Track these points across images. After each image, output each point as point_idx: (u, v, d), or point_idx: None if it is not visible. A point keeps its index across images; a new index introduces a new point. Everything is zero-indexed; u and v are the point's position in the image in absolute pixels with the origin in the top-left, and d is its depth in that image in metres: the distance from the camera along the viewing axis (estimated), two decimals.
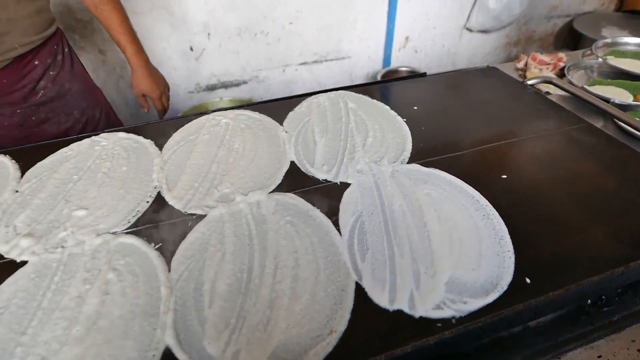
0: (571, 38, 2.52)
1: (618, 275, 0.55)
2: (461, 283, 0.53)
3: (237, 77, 2.02)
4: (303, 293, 0.53)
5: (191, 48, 1.85)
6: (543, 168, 0.74)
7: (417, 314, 0.50)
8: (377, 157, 0.77)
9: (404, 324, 0.49)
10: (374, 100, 0.96)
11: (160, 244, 0.61)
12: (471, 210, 0.64)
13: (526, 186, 0.70)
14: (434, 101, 0.99)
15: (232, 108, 0.95)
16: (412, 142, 0.81)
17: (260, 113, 0.92)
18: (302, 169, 0.76)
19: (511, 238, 0.59)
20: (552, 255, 0.57)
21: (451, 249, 0.58)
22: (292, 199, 0.68)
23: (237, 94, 2.06)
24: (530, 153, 0.78)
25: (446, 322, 0.49)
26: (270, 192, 0.70)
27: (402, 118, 0.89)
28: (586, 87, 1.13)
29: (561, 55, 1.31)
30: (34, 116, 1.00)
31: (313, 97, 0.98)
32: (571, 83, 1.14)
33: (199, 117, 0.91)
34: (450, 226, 0.61)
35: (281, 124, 0.89)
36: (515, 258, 0.56)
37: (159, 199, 0.70)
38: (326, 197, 0.69)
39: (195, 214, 0.67)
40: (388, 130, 0.85)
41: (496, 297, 0.51)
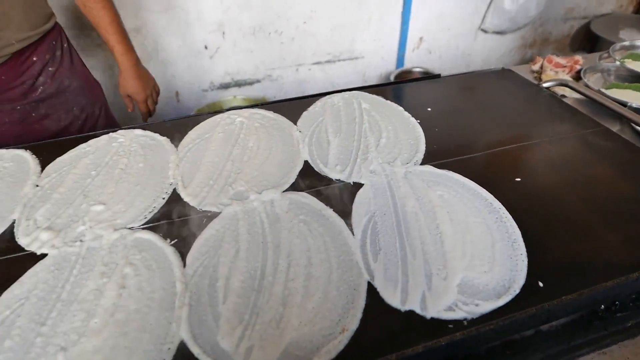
0: (588, 40, 2.48)
1: (632, 280, 0.54)
2: (473, 285, 0.53)
3: (251, 76, 2.03)
4: (315, 291, 0.54)
5: (205, 46, 1.87)
6: (557, 172, 0.74)
7: (429, 315, 0.50)
8: (391, 158, 0.77)
9: (416, 324, 0.50)
10: (388, 101, 0.96)
11: (175, 240, 0.63)
12: (484, 212, 0.64)
13: (540, 189, 0.70)
14: (448, 103, 0.99)
15: (247, 107, 0.96)
16: (426, 144, 0.81)
17: (274, 112, 0.93)
18: (316, 169, 0.76)
19: (524, 241, 0.59)
20: (566, 259, 0.57)
21: (463, 251, 0.58)
22: (305, 198, 0.69)
23: (251, 93, 2.07)
24: (544, 156, 0.78)
25: (458, 324, 0.49)
26: (283, 191, 0.71)
27: (416, 119, 0.89)
28: (603, 91, 1.12)
29: (577, 57, 1.30)
30: (34, 112, 0.99)
31: (327, 97, 0.99)
32: (587, 86, 1.12)
33: (214, 116, 0.92)
34: (462, 228, 0.61)
35: (295, 124, 0.89)
36: (528, 261, 0.56)
37: (175, 196, 0.72)
38: (339, 197, 0.69)
39: (209, 211, 0.68)
40: (401, 131, 0.85)
41: (508, 300, 0.51)
